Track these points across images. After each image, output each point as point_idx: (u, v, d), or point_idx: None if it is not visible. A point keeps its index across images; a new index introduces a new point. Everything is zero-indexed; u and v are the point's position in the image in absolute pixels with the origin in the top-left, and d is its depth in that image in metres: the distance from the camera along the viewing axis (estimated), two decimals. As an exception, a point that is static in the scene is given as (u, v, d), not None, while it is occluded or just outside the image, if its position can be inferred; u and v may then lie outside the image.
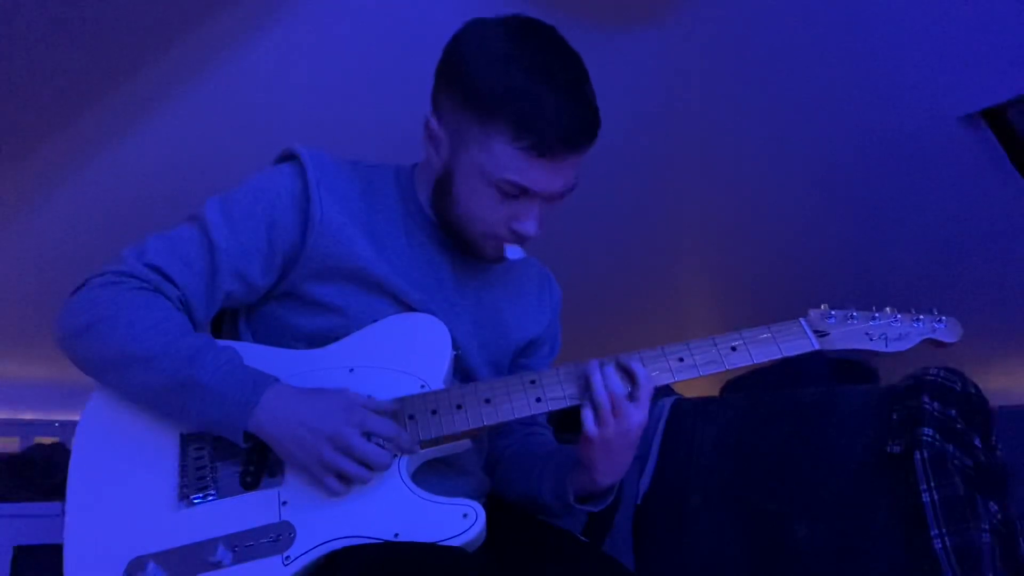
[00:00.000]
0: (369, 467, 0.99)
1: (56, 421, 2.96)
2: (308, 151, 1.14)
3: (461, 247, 1.18)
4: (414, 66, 1.36)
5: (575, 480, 1.15)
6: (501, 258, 1.16)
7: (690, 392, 2.28)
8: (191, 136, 2.40)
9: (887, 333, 1.15)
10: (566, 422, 1.22)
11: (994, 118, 2.18)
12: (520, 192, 1.09)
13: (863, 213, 2.63)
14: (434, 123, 1.13)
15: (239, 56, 2.26)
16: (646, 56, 2.50)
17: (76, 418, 1.08)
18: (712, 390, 2.80)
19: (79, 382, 1.12)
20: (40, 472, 2.62)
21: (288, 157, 1.16)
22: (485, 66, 1.07)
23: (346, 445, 0.98)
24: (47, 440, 2.81)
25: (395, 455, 1.02)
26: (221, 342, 1.08)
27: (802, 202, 2.76)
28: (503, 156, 1.06)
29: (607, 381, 1.06)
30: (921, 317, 1.16)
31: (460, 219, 1.14)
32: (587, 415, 1.06)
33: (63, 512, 1.02)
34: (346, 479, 0.99)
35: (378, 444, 1.00)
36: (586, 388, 1.07)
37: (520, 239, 1.14)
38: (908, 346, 1.15)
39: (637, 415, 1.06)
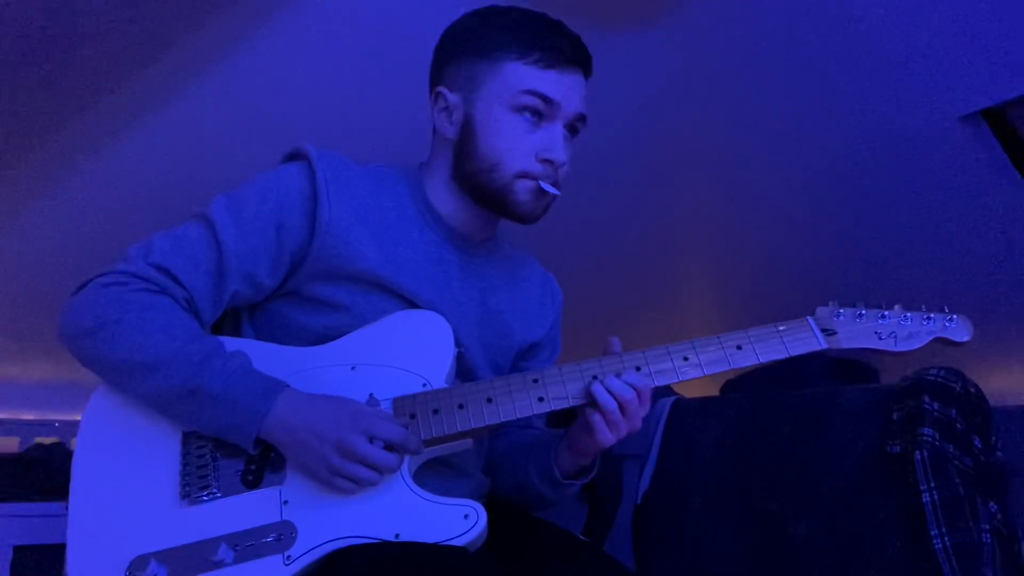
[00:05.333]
0: (378, 470, 1.00)
1: (56, 421, 2.95)
2: (318, 151, 1.14)
3: (500, 210, 1.18)
4: (415, 66, 1.36)
5: (561, 461, 1.17)
6: (542, 205, 1.17)
7: (690, 392, 2.28)
8: (192, 136, 2.39)
9: (897, 332, 1.12)
10: (565, 423, 1.22)
11: (994, 118, 2.18)
12: (543, 106, 1.13)
13: (862, 213, 2.63)
14: (444, 90, 1.17)
15: (241, 56, 2.25)
16: (646, 56, 2.50)
17: (76, 418, 1.08)
18: (712, 390, 2.80)
19: (79, 382, 1.12)
20: (40, 472, 2.61)
21: (297, 156, 1.16)
22: (475, 22, 1.18)
23: (352, 451, 0.98)
24: (47, 440, 2.81)
25: (402, 457, 1.02)
26: (229, 342, 1.08)
27: (802, 202, 2.76)
28: (516, 74, 1.13)
29: (611, 389, 1.06)
30: (932, 315, 1.13)
31: (488, 168, 1.14)
32: (599, 426, 1.06)
33: (66, 511, 1.02)
34: (355, 482, 1.00)
35: (385, 448, 1.00)
36: (591, 399, 1.07)
37: (552, 171, 1.15)
38: (918, 345, 1.13)
39: (644, 411, 1.08)
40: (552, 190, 1.15)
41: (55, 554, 1.02)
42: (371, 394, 1.06)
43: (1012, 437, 1.54)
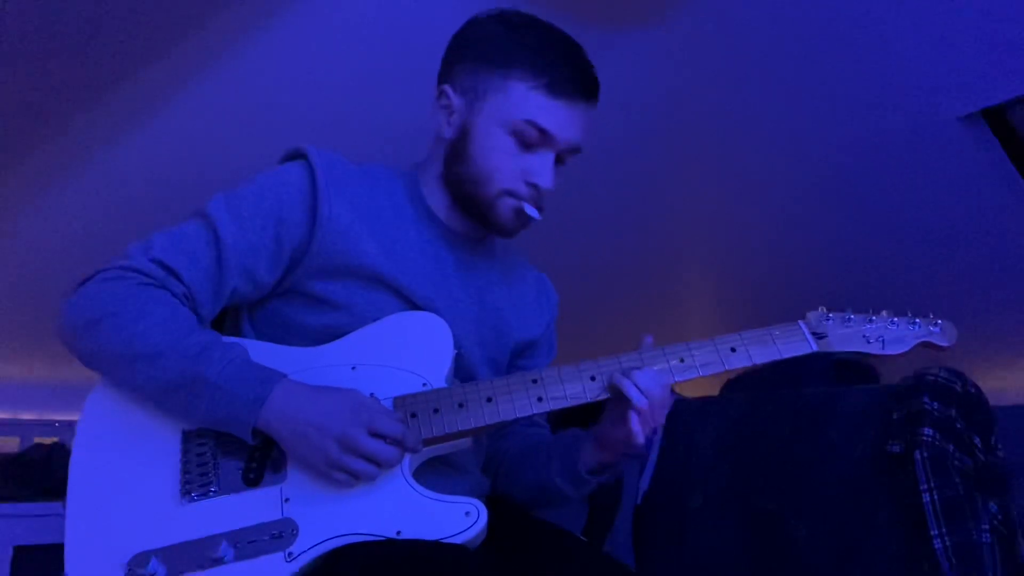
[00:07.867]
0: (377, 464, 1.00)
1: (56, 421, 2.96)
2: (316, 151, 1.15)
3: (479, 219, 1.18)
4: (415, 66, 1.36)
5: (585, 459, 1.18)
6: (520, 224, 1.18)
7: (690, 392, 2.28)
8: (191, 136, 2.40)
9: (884, 336, 1.17)
10: (568, 422, 1.22)
11: (994, 118, 2.18)
12: (538, 137, 1.13)
13: (863, 213, 2.63)
14: (448, 88, 1.16)
15: (240, 56, 2.26)
16: (646, 56, 2.50)
17: (76, 418, 1.08)
18: (712, 390, 2.80)
19: (79, 382, 1.12)
20: (40, 472, 2.62)
21: (296, 156, 1.17)
22: (496, 30, 1.16)
23: (353, 446, 0.98)
24: (47, 440, 2.82)
25: (402, 452, 1.02)
26: (227, 338, 1.08)
27: (802, 202, 2.77)
28: (522, 98, 1.12)
29: (642, 386, 1.07)
30: (917, 320, 1.18)
31: (476, 180, 1.15)
32: (636, 426, 1.07)
33: (64, 509, 1.02)
34: (354, 476, 1.00)
35: (385, 443, 1.00)
36: (621, 399, 1.08)
37: (536, 195, 1.16)
38: (904, 349, 1.17)
39: (669, 404, 1.10)
40: (534, 214, 1.16)
41: (55, 554, 1.01)
42: (372, 394, 1.06)
43: (1012, 437, 1.54)
